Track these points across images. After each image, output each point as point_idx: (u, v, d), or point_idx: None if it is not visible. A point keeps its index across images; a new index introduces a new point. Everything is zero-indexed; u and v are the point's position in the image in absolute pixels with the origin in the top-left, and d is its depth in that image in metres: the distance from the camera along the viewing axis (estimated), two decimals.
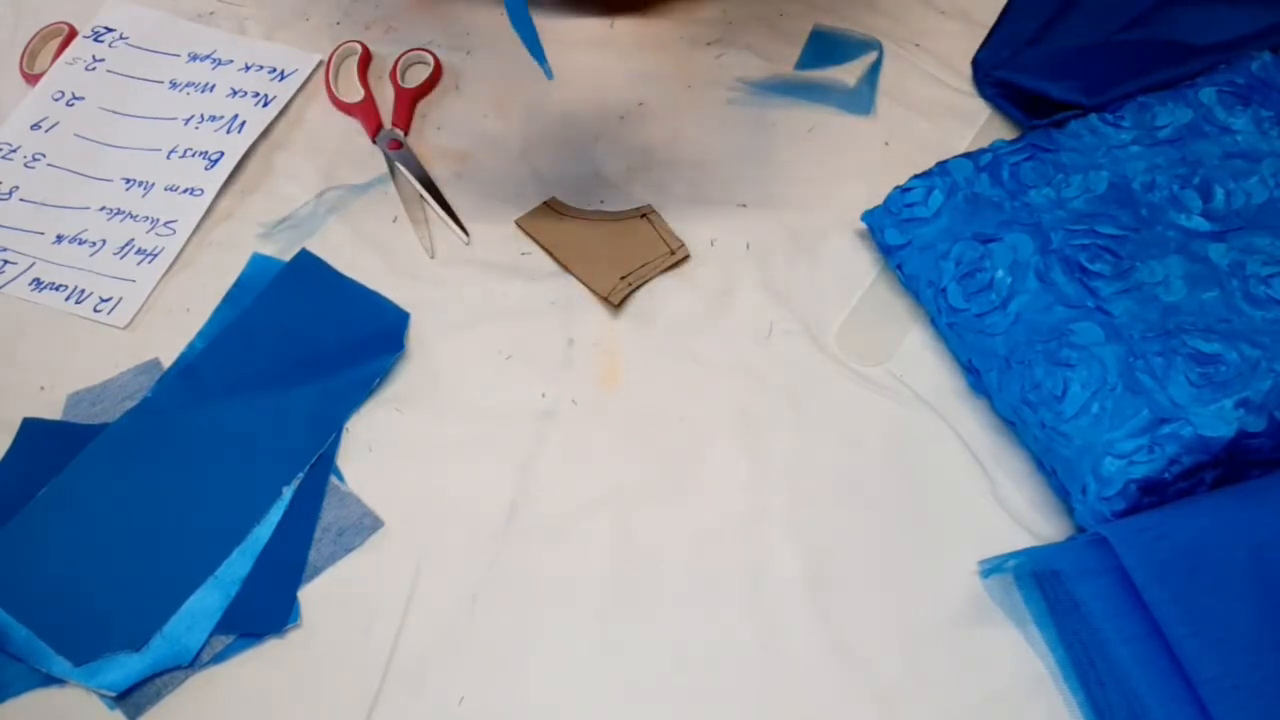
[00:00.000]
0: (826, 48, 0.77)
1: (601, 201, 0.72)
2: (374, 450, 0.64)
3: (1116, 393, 0.57)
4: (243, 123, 0.76)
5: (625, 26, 0.79)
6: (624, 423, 0.64)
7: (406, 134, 0.75)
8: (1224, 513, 0.54)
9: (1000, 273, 0.62)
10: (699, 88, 0.76)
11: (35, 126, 0.77)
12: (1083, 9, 0.74)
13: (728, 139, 0.74)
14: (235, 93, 0.77)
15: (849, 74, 0.76)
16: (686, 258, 0.69)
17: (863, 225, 0.69)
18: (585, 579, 0.59)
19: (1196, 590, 0.52)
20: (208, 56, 0.79)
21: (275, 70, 0.78)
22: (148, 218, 0.73)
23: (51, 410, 0.66)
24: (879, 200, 0.67)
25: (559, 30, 0.79)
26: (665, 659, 0.57)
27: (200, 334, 0.68)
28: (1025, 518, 0.60)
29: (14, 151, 0.76)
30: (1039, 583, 0.57)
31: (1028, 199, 0.64)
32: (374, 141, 0.75)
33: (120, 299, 0.69)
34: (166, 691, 0.57)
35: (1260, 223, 0.61)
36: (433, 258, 0.71)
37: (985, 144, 0.67)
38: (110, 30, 0.81)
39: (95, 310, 0.69)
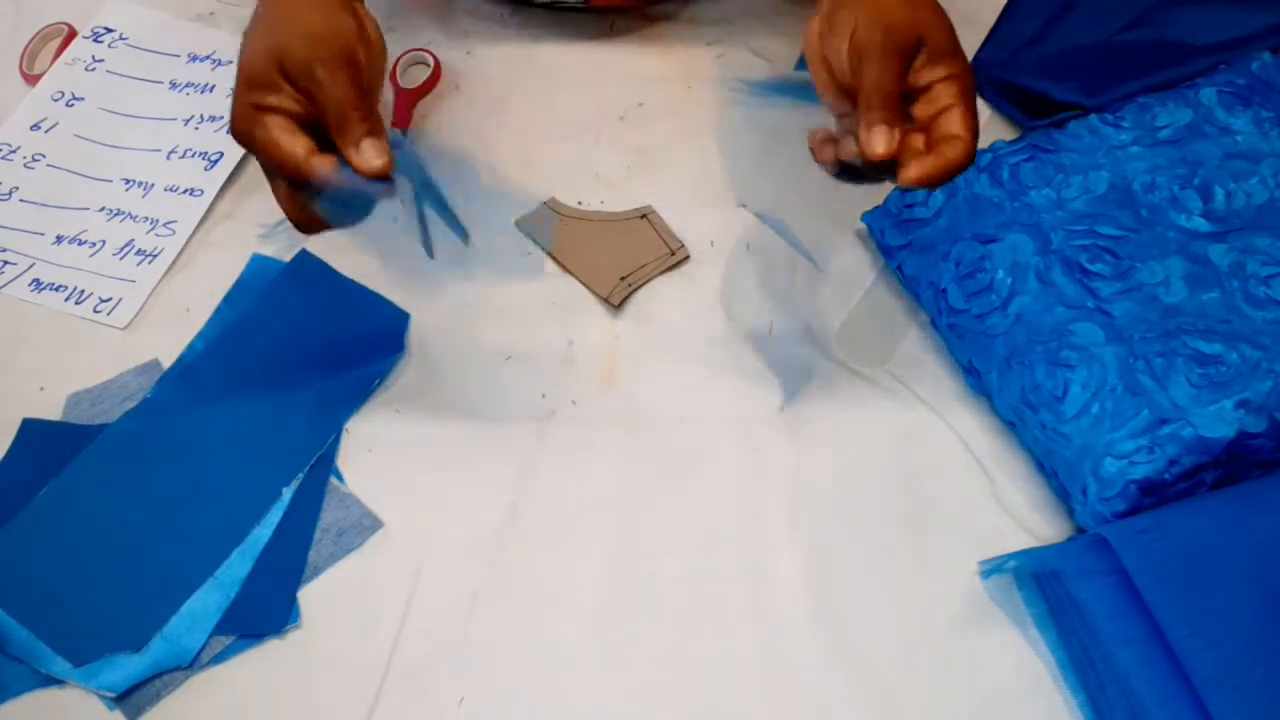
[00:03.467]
0: None
1: (601, 202, 0.72)
2: (374, 451, 0.64)
3: (1117, 393, 0.57)
4: None
5: (625, 28, 0.79)
6: (624, 424, 0.64)
7: (406, 134, 0.75)
8: (1224, 514, 0.54)
9: (1000, 273, 0.62)
10: (699, 88, 0.76)
11: (35, 127, 0.77)
12: (1083, 9, 0.74)
13: (728, 139, 0.74)
14: None
15: None
16: (686, 258, 0.69)
17: (863, 225, 0.69)
18: (585, 579, 0.60)
19: (1197, 591, 0.52)
20: (208, 57, 0.79)
21: None
22: (147, 218, 0.73)
23: (51, 411, 0.66)
24: (879, 200, 0.67)
25: (559, 30, 0.79)
26: (665, 659, 0.57)
27: (200, 335, 0.68)
28: (1025, 518, 0.60)
29: (14, 152, 0.76)
30: (1039, 583, 0.57)
31: (1028, 199, 0.64)
32: None
33: (120, 299, 0.69)
34: (166, 692, 0.57)
35: (1260, 223, 0.61)
36: (433, 258, 0.71)
37: (985, 144, 0.67)
38: (110, 31, 0.81)
39: (95, 311, 0.69)
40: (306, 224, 0.53)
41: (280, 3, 0.52)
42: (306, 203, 0.52)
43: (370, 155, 0.50)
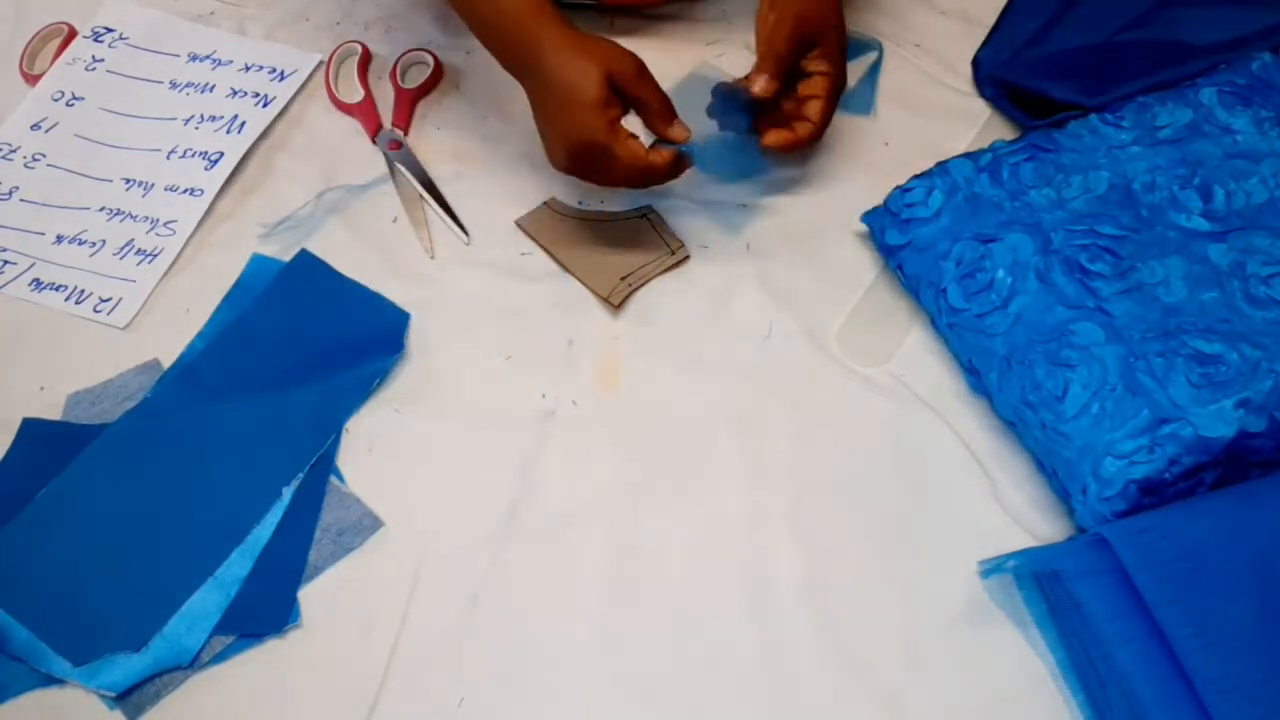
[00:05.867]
0: None
1: (601, 202, 0.72)
2: (374, 451, 0.64)
3: (1117, 393, 0.57)
4: (243, 123, 0.76)
5: (625, 26, 0.79)
6: (624, 424, 0.64)
7: (406, 134, 0.75)
8: (1225, 514, 0.54)
9: (1000, 273, 0.62)
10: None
11: (35, 127, 0.77)
12: (1083, 9, 0.74)
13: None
14: (235, 93, 0.77)
15: (849, 74, 0.76)
16: (686, 258, 0.69)
17: (863, 225, 0.69)
18: (585, 579, 0.59)
19: (1197, 591, 0.52)
20: (208, 57, 0.79)
21: (275, 70, 0.78)
22: (148, 218, 0.73)
23: (51, 410, 0.66)
24: (879, 200, 0.67)
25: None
26: (665, 659, 0.57)
27: (200, 334, 0.68)
28: (1025, 518, 0.60)
29: (14, 151, 0.76)
30: (1039, 583, 0.57)
31: (1028, 199, 0.64)
32: (374, 142, 0.75)
33: (120, 299, 0.69)
34: (166, 692, 0.57)
35: (1260, 223, 0.61)
36: (433, 258, 0.71)
37: (985, 144, 0.67)
38: (110, 30, 0.81)
39: (95, 310, 0.69)
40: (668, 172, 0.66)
41: (575, 45, 0.63)
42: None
43: (679, 131, 0.65)
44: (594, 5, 0.77)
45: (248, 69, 0.78)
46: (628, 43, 0.77)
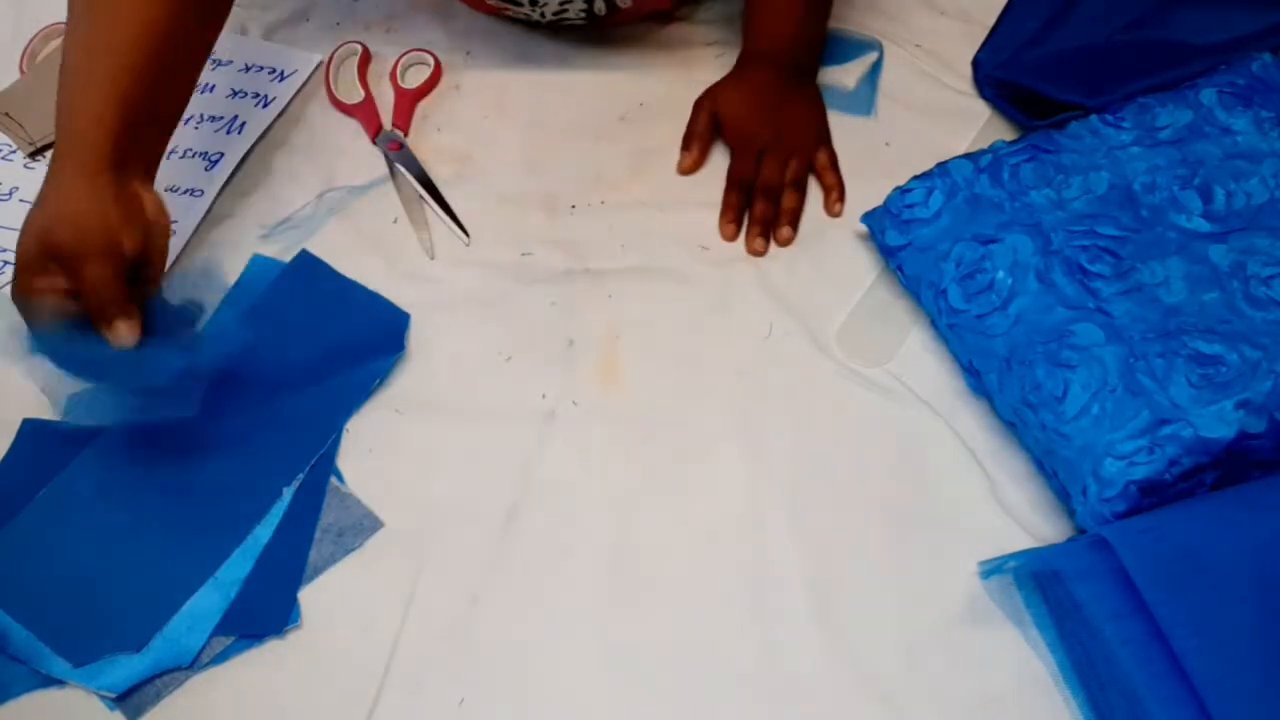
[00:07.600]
0: (827, 48, 0.77)
1: (602, 202, 0.72)
2: (374, 451, 0.64)
3: (1117, 394, 0.57)
4: (243, 123, 0.76)
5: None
6: (624, 424, 0.64)
7: (406, 134, 0.75)
8: (1224, 514, 0.54)
9: (1001, 274, 0.62)
10: (699, 88, 0.76)
11: None
12: (1083, 9, 0.74)
13: None
14: (235, 93, 0.77)
15: (849, 74, 0.76)
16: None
17: (863, 225, 0.69)
18: (585, 579, 0.59)
19: (1197, 591, 0.52)
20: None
21: (275, 71, 0.78)
22: None
23: (51, 411, 0.66)
24: (879, 200, 0.67)
25: (559, 30, 0.79)
26: (665, 659, 0.57)
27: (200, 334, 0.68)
28: (1026, 519, 0.60)
29: (14, 152, 0.76)
30: (1039, 584, 0.57)
31: (1028, 200, 0.64)
32: (374, 142, 0.75)
33: None
34: (166, 692, 0.57)
35: (1260, 223, 0.61)
36: (433, 258, 0.71)
37: (985, 145, 0.67)
38: None
39: None
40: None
41: (54, 183, 0.56)
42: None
43: (122, 334, 0.56)
44: (584, 23, 0.77)
45: (248, 69, 0.78)
46: (628, 45, 0.78)
